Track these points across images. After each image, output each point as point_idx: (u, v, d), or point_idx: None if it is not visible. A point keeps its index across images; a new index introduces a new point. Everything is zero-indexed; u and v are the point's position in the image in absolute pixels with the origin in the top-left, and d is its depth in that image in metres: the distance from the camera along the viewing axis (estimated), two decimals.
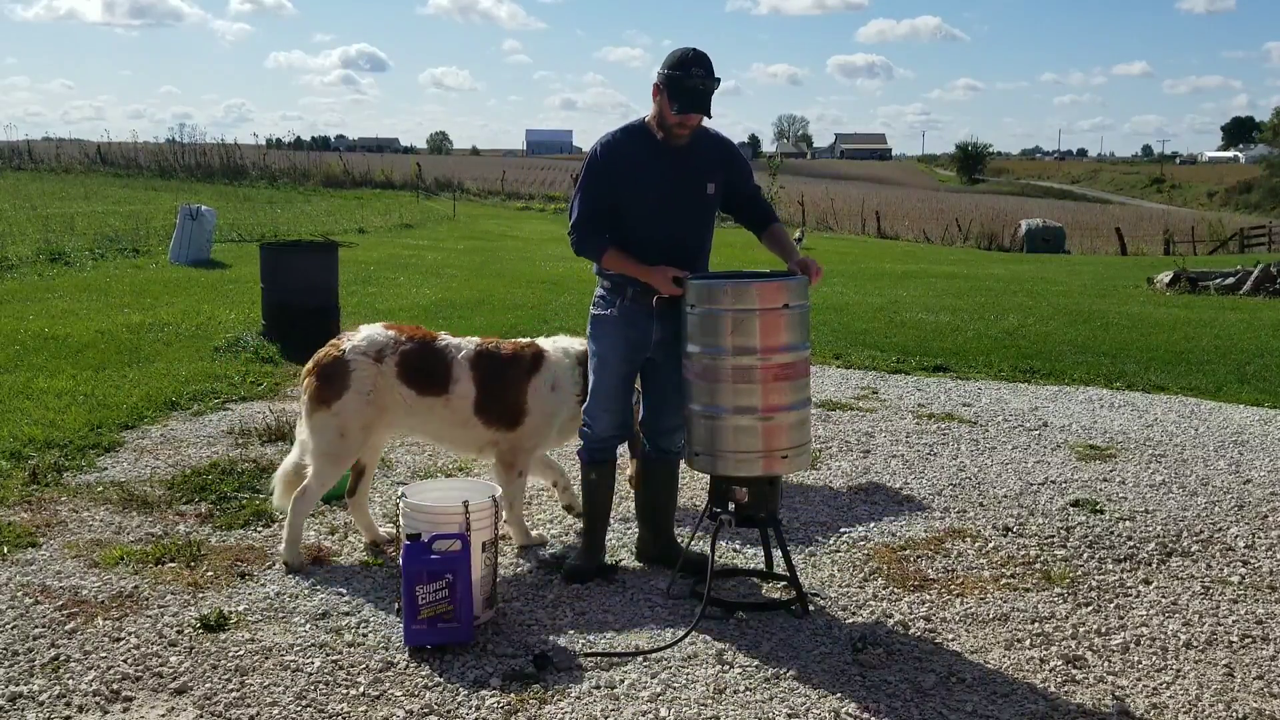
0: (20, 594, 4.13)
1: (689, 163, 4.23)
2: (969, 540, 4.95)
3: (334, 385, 4.45)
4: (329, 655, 3.71)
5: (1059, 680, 3.64)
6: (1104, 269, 22.44)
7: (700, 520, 4.37)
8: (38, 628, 3.85)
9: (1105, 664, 3.77)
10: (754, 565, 4.58)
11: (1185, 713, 3.46)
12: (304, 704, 3.39)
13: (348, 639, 3.84)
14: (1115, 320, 12.47)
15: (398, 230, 25.38)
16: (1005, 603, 4.27)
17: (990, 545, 4.89)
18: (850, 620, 4.10)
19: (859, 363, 9.32)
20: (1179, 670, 3.73)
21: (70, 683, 3.48)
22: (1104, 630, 4.03)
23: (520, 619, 4.05)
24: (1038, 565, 4.67)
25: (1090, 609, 4.23)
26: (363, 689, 3.49)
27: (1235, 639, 3.97)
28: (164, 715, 3.32)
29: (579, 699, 3.46)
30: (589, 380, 4.42)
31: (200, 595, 4.18)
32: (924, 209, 52.72)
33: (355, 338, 4.57)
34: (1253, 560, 4.76)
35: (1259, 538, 5.03)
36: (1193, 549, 4.88)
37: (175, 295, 12.42)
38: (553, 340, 4.79)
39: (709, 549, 4.18)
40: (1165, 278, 17.45)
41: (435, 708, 3.39)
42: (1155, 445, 6.63)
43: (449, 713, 3.37)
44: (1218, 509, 5.42)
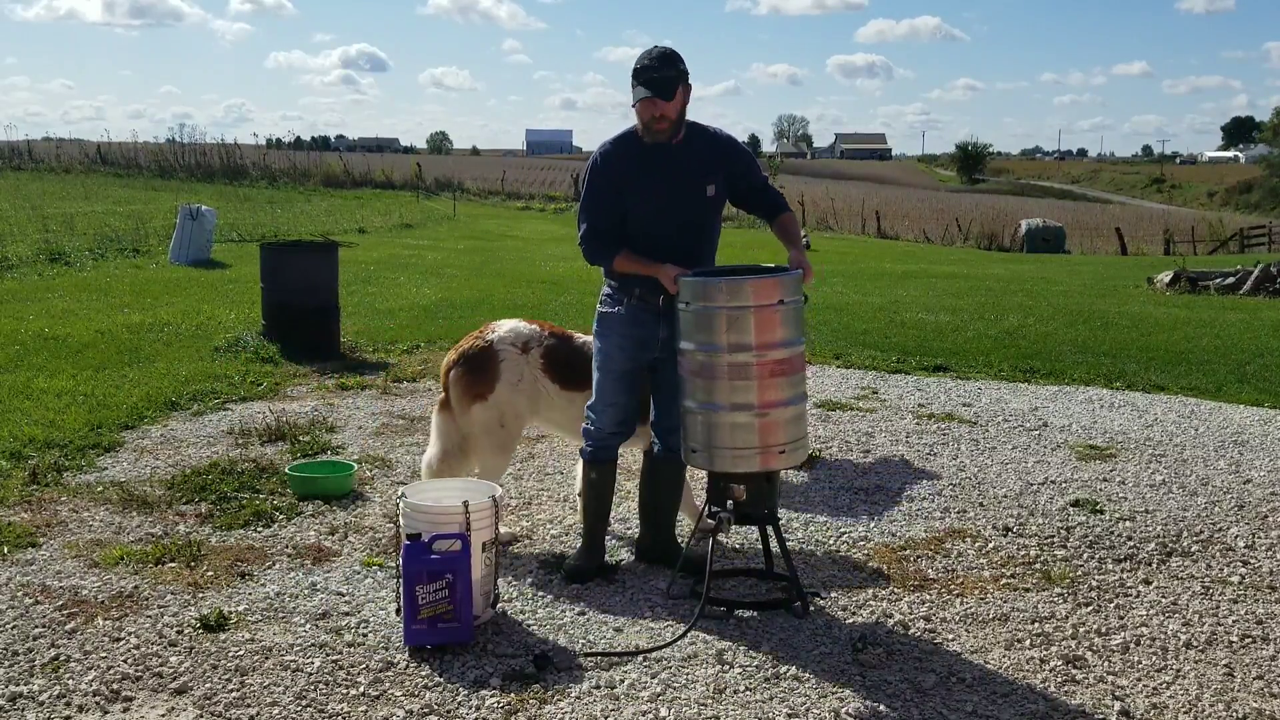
0: (20, 594, 4.13)
1: (685, 165, 4.23)
2: (969, 540, 4.95)
3: (485, 376, 4.63)
4: (329, 655, 3.71)
5: (1059, 680, 3.64)
6: (1104, 269, 22.44)
7: (700, 520, 4.37)
8: (38, 628, 3.85)
9: (1105, 664, 3.77)
10: (754, 565, 4.58)
11: (1185, 713, 3.46)
12: (304, 704, 3.39)
13: (348, 639, 3.84)
14: (1115, 320, 12.47)
15: (398, 230, 25.38)
16: (1005, 603, 4.27)
17: (990, 545, 4.89)
18: (850, 620, 4.10)
19: (859, 363, 9.32)
20: (1179, 670, 3.73)
21: (70, 683, 3.48)
22: (1104, 630, 4.03)
23: (520, 619, 4.05)
24: (1038, 565, 4.67)
25: (1090, 609, 4.23)
26: (363, 689, 3.49)
27: (1235, 639, 3.97)
28: (164, 715, 3.32)
29: (579, 699, 3.46)
30: None
31: (200, 595, 4.18)
32: (924, 209, 52.70)
33: (501, 329, 4.75)
34: (1253, 560, 4.76)
35: (1259, 538, 5.03)
36: (1193, 549, 4.88)
37: (175, 295, 12.42)
38: None
39: (708, 548, 4.19)
40: (1165, 278, 17.45)
41: (435, 708, 3.39)
42: (1155, 445, 6.63)
43: (449, 713, 3.37)
44: (1218, 509, 5.42)
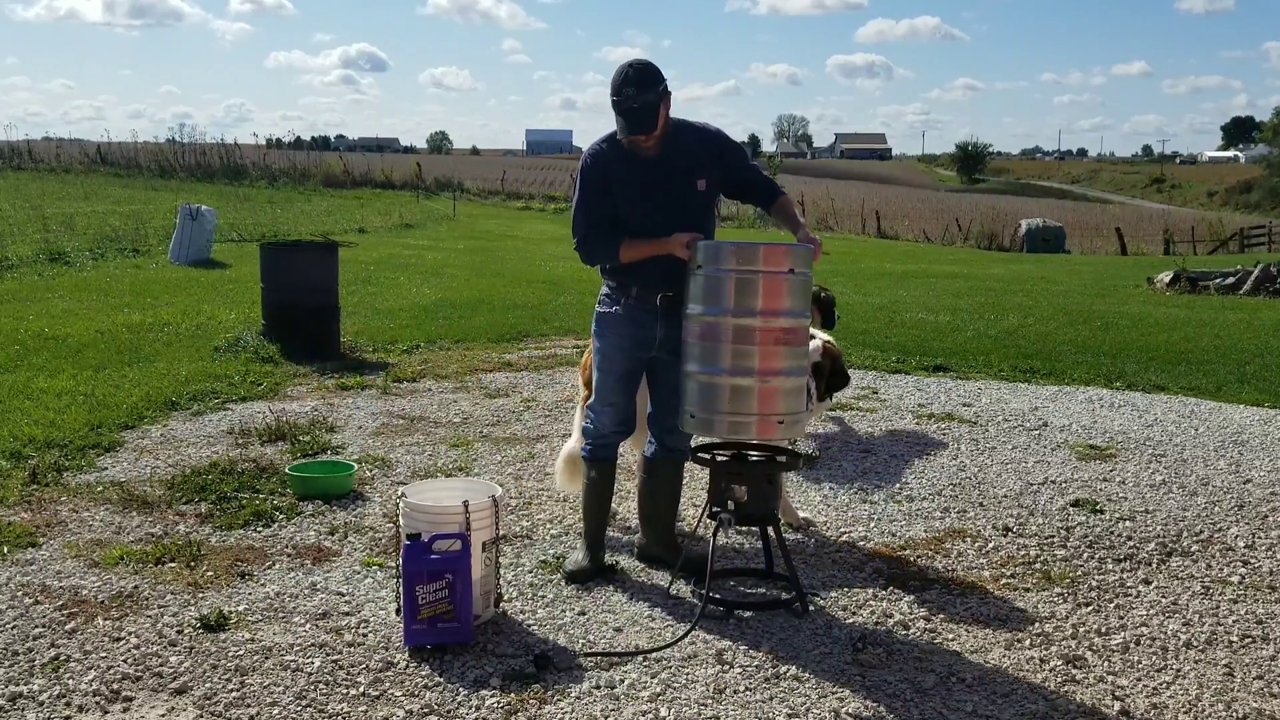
0: (20, 594, 4.13)
1: (675, 163, 4.22)
2: (969, 540, 4.95)
3: None
4: (329, 655, 3.71)
5: (1059, 680, 3.64)
6: (1104, 269, 22.45)
7: (700, 520, 4.37)
8: (38, 628, 3.85)
9: (1105, 664, 3.77)
10: (754, 565, 4.58)
11: (1185, 713, 3.46)
12: (304, 704, 3.39)
13: (348, 639, 3.84)
14: (1115, 320, 12.48)
15: (398, 230, 25.39)
16: (1005, 603, 4.27)
17: (990, 545, 4.89)
18: (850, 620, 4.10)
19: (859, 363, 9.31)
20: (1179, 670, 3.73)
21: (70, 683, 3.48)
22: (1104, 630, 4.03)
23: (520, 619, 4.05)
24: (1038, 565, 4.67)
25: (1090, 609, 4.23)
26: (363, 689, 3.49)
27: (1235, 639, 3.97)
28: (164, 715, 3.32)
29: (579, 699, 3.46)
30: None
31: (200, 595, 4.18)
32: (924, 209, 52.70)
33: None
34: (1253, 560, 4.76)
35: (1259, 538, 5.03)
36: (1193, 549, 4.88)
37: (175, 295, 12.42)
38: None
39: (709, 549, 4.19)
40: (1165, 278, 17.46)
41: (435, 708, 3.39)
42: (1155, 445, 6.63)
43: (449, 713, 3.37)
44: (1218, 509, 5.42)
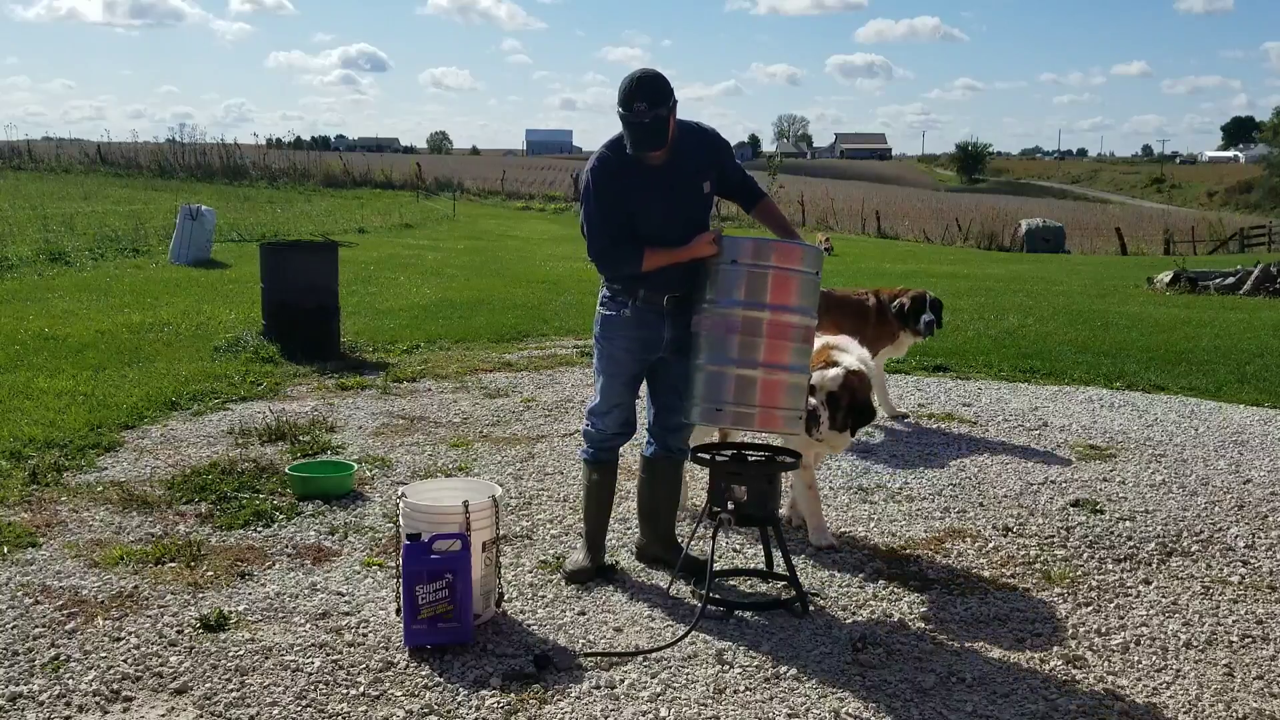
0: (20, 594, 4.13)
1: (682, 168, 4.21)
2: (969, 540, 4.95)
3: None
4: (329, 655, 3.71)
5: (1059, 680, 3.65)
6: (1104, 269, 22.46)
7: (700, 520, 4.37)
8: (38, 628, 3.85)
9: (1105, 664, 3.77)
10: (754, 565, 4.58)
11: (1185, 713, 3.46)
12: (304, 704, 3.39)
13: (348, 639, 3.84)
14: (1115, 320, 12.48)
15: (398, 230, 25.39)
16: (1005, 603, 4.27)
17: (990, 545, 4.89)
18: (850, 620, 4.10)
19: None
20: (1179, 670, 3.73)
21: (70, 683, 3.48)
22: (1104, 630, 4.03)
23: (520, 619, 4.05)
24: (1038, 565, 4.67)
25: (1090, 609, 4.23)
26: (363, 689, 3.49)
27: (1235, 639, 3.97)
28: (164, 715, 3.32)
29: (579, 699, 3.46)
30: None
31: (200, 595, 4.18)
32: (924, 209, 52.71)
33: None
34: (1253, 560, 4.76)
35: (1259, 538, 5.03)
36: (1193, 549, 4.88)
37: (175, 295, 12.42)
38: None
39: (709, 549, 4.19)
40: (1165, 277, 17.46)
41: (435, 708, 3.39)
42: (1155, 445, 6.63)
43: (449, 713, 3.37)
44: (1218, 509, 5.42)
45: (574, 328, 10.89)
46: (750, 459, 4.34)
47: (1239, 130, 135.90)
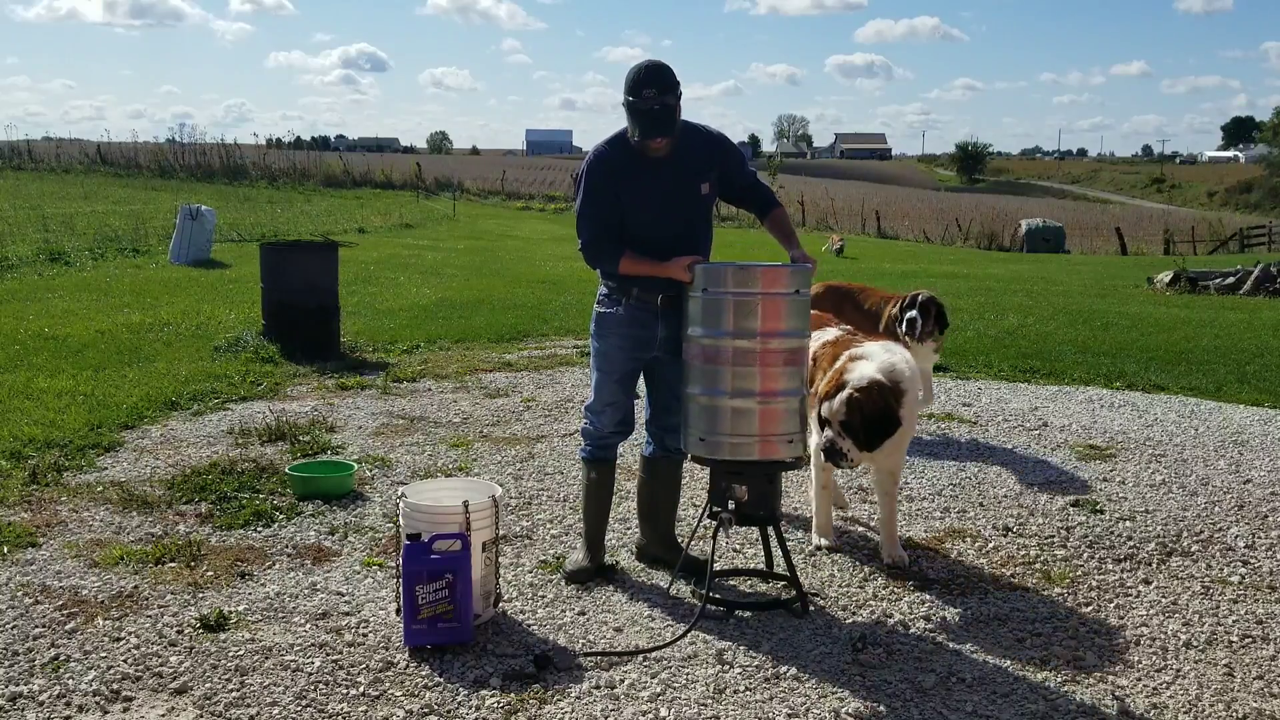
0: (20, 594, 4.13)
1: (680, 166, 4.22)
2: (969, 540, 4.95)
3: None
4: (329, 655, 3.71)
5: (1059, 680, 3.65)
6: (1104, 269, 22.46)
7: (700, 520, 4.37)
8: (38, 628, 3.85)
9: (1105, 664, 3.77)
10: (754, 565, 4.58)
11: (1185, 713, 3.46)
12: (304, 704, 3.39)
13: (348, 639, 3.84)
14: (1115, 320, 12.48)
15: (398, 230, 25.40)
16: (1005, 603, 4.27)
17: (990, 545, 4.89)
18: (850, 620, 4.10)
19: None
20: (1179, 670, 3.73)
21: (70, 683, 3.48)
22: (1104, 630, 4.03)
23: (520, 619, 4.05)
24: (1038, 565, 4.67)
25: (1090, 609, 4.23)
26: (363, 689, 3.49)
27: (1235, 639, 3.97)
28: (164, 715, 3.32)
29: (579, 699, 3.46)
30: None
31: (200, 595, 4.18)
32: (924, 209, 52.72)
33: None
34: (1253, 560, 4.76)
35: (1259, 538, 5.03)
36: (1193, 549, 4.88)
37: (175, 295, 12.42)
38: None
39: (709, 549, 4.19)
40: (1165, 277, 17.47)
41: (435, 708, 3.39)
42: (1155, 445, 6.63)
43: (449, 713, 3.37)
44: (1218, 509, 5.42)
45: (574, 328, 10.89)
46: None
47: (1239, 130, 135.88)
